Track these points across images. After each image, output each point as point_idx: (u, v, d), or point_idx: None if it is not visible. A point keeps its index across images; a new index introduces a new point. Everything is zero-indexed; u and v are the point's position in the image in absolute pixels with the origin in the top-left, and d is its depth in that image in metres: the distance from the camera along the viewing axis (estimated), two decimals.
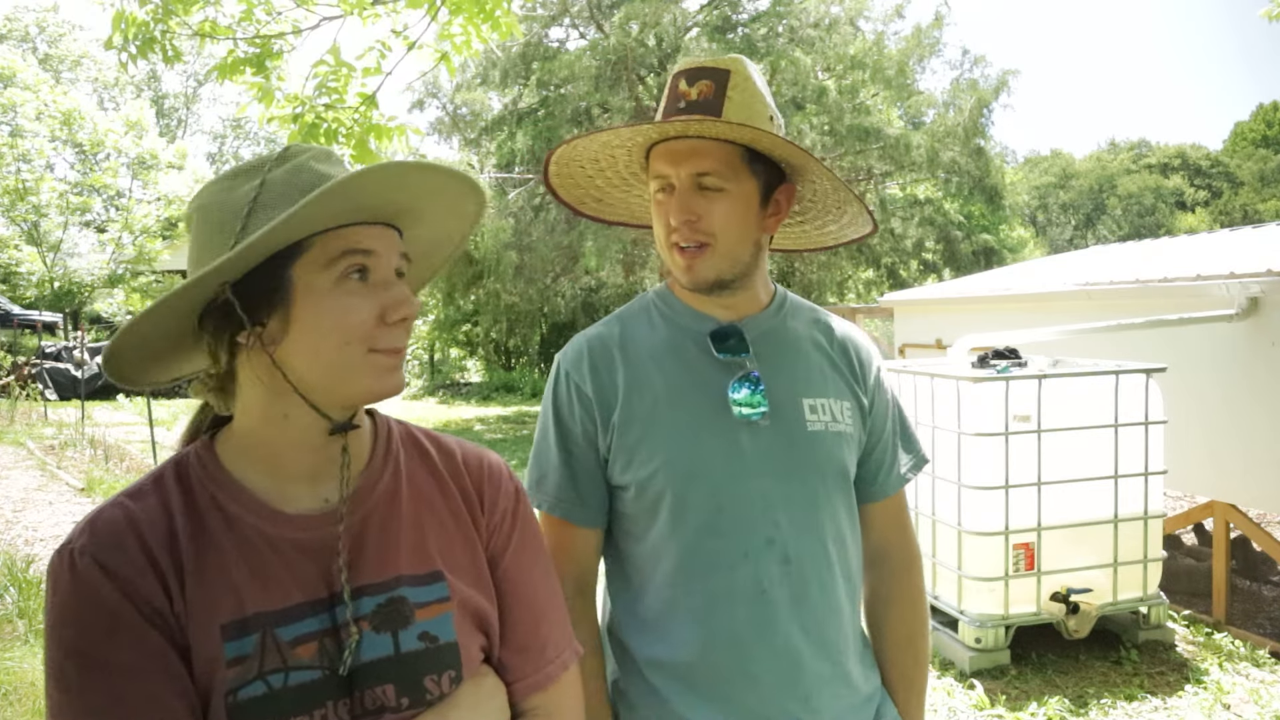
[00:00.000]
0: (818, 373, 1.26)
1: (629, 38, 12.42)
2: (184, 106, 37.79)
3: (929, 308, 7.62)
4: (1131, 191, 42.18)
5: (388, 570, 0.85)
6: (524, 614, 0.93)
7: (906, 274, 15.96)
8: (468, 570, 0.90)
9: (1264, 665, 3.78)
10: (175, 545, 0.78)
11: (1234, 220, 36.60)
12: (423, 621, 0.85)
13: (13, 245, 19.11)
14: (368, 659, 0.81)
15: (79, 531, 0.78)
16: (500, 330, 20.38)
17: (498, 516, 0.95)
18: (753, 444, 1.18)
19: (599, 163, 1.29)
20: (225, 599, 0.78)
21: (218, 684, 0.76)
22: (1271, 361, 4.23)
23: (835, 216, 1.34)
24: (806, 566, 1.19)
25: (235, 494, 0.82)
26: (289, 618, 0.79)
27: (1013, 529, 3.68)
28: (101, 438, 9.90)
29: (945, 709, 3.42)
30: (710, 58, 1.21)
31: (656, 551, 1.20)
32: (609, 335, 1.27)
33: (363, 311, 0.80)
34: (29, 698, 3.51)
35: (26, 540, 6.02)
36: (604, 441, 1.22)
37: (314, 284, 0.79)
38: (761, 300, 1.28)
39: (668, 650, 1.19)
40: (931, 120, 13.34)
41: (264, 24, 3.45)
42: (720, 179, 1.15)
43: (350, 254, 0.80)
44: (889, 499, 1.34)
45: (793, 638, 1.18)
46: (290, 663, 0.78)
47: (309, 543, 0.82)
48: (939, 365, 4.27)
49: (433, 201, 0.87)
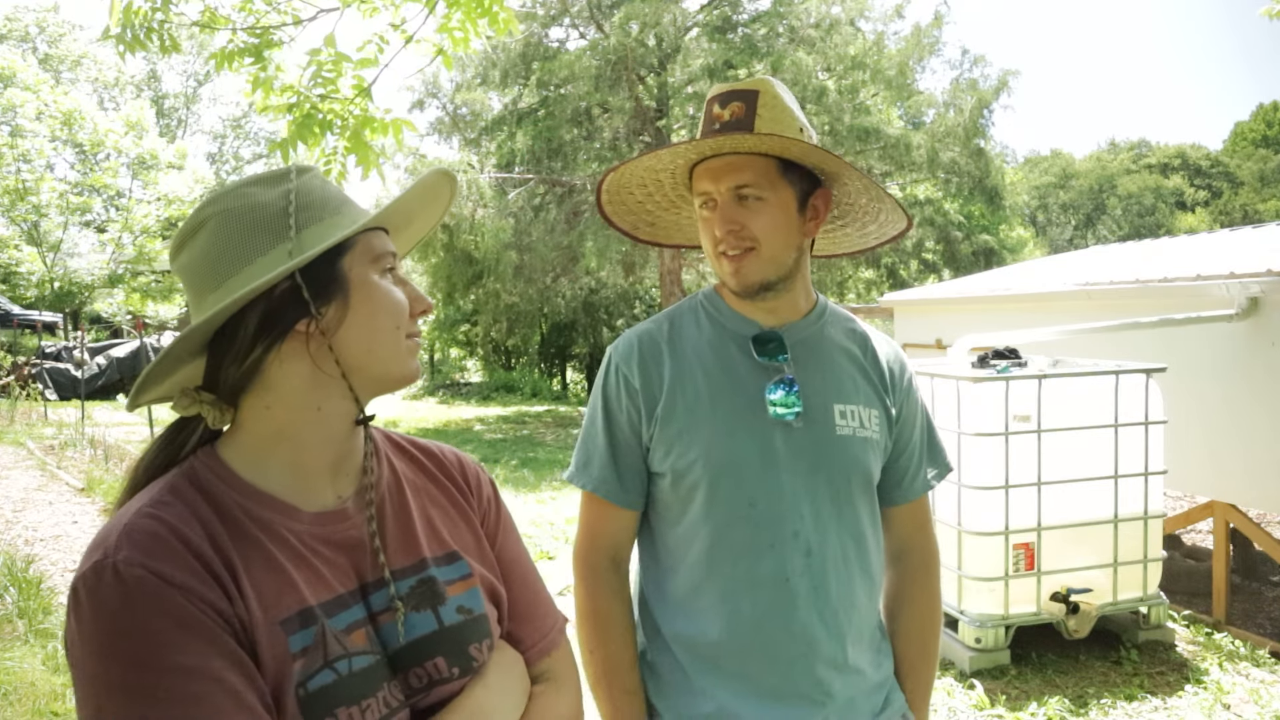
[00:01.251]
0: (849, 380, 1.34)
1: (629, 37, 12.42)
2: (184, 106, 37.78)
3: (929, 308, 7.61)
4: (1131, 191, 42.18)
5: (413, 554, 0.91)
6: (523, 588, 1.01)
7: (906, 274, 15.97)
8: (475, 551, 0.97)
9: (1264, 665, 3.78)
10: (221, 548, 0.78)
11: (1234, 220, 36.61)
12: (455, 596, 0.91)
13: (13, 245, 19.11)
14: (415, 636, 0.87)
15: (114, 545, 0.74)
16: (500, 330, 20.40)
17: (484, 502, 1.03)
18: (785, 443, 1.27)
19: (647, 187, 1.40)
20: (280, 595, 0.79)
21: (287, 677, 0.77)
22: (1271, 361, 4.23)
23: (873, 217, 1.42)
24: (827, 559, 1.27)
25: (257, 499, 0.83)
26: (336, 608, 0.83)
27: (1013, 529, 3.68)
28: (101, 438, 9.89)
29: (945, 709, 3.42)
30: (741, 81, 1.31)
31: (689, 536, 1.29)
32: (658, 332, 1.36)
33: (404, 301, 0.89)
34: (29, 698, 3.50)
35: (26, 540, 6.02)
36: (647, 431, 1.31)
37: (366, 276, 0.87)
38: (802, 307, 1.36)
39: (694, 628, 1.29)
40: (931, 120, 13.34)
41: (263, 14, 3.45)
42: (758, 189, 1.24)
43: (385, 255, 0.89)
44: (912, 503, 1.42)
45: (810, 624, 1.26)
46: (350, 649, 0.81)
47: (337, 536, 0.87)
48: (939, 365, 4.27)
49: (425, 208, 0.97)
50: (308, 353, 0.84)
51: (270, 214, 0.84)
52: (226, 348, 0.83)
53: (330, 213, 0.86)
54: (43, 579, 4.87)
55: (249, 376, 0.83)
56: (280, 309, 0.82)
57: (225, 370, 0.83)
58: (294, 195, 0.85)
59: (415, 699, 0.86)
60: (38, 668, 3.80)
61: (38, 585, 4.68)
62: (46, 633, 4.18)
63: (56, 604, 4.62)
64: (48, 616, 4.38)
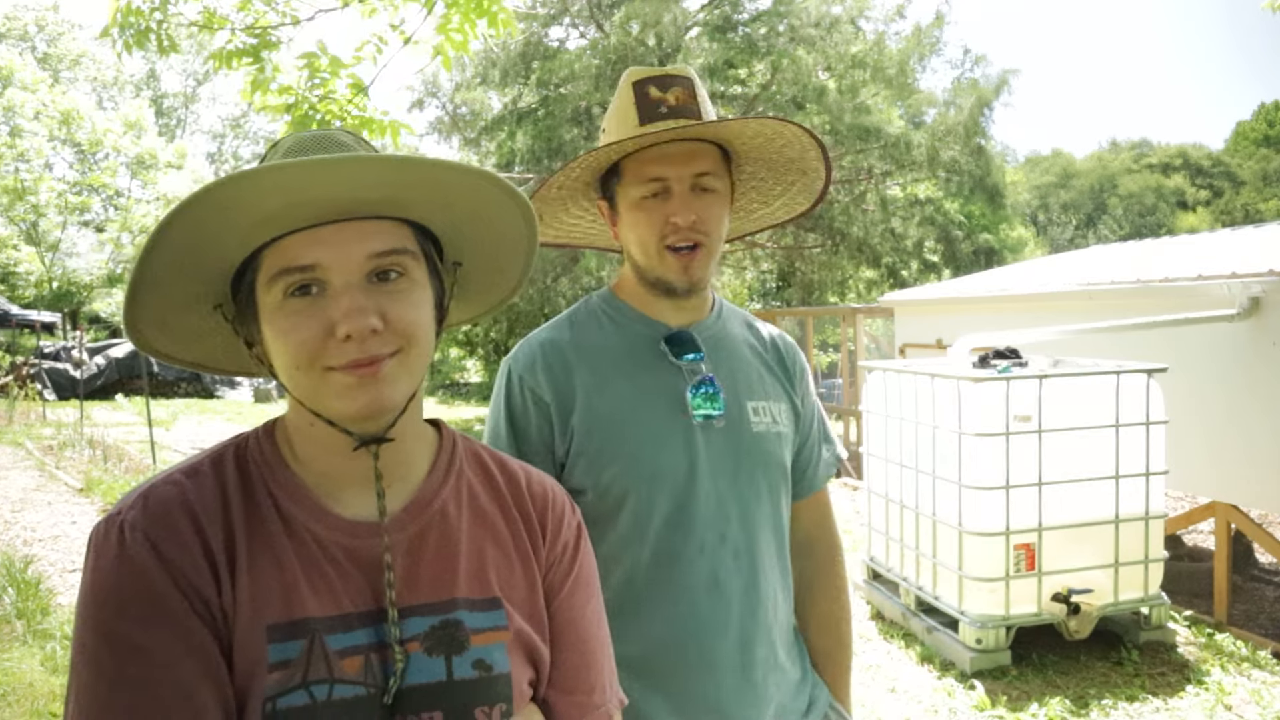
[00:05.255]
0: (756, 377, 1.32)
1: (629, 37, 12.41)
2: (183, 106, 37.76)
3: (929, 308, 7.60)
4: (1132, 191, 42.17)
5: (444, 591, 0.80)
6: (575, 655, 0.89)
7: (907, 274, 15.94)
8: (524, 602, 0.85)
9: (1265, 666, 3.77)
10: (230, 534, 0.74)
11: (1235, 220, 36.57)
12: (477, 648, 0.80)
13: (11, 245, 19.09)
14: (416, 682, 0.76)
15: (130, 503, 0.74)
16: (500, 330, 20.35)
17: (559, 549, 0.90)
18: (707, 445, 1.24)
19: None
20: (275, 598, 0.74)
21: (257, 687, 0.71)
22: (1273, 361, 4.22)
23: (762, 198, 1.39)
24: (755, 559, 1.26)
25: (291, 489, 0.79)
26: (338, 626, 0.75)
27: (1013, 529, 3.67)
28: (100, 438, 9.89)
29: (946, 709, 3.41)
30: (662, 67, 1.27)
31: (614, 552, 1.22)
32: (561, 339, 1.28)
33: (304, 330, 0.74)
34: (28, 698, 3.50)
35: (25, 541, 6.01)
36: (561, 445, 1.23)
37: (265, 303, 0.76)
38: (708, 305, 1.33)
39: (622, 648, 1.22)
40: (932, 120, 13.33)
41: (261, 14, 3.44)
42: (715, 179, 1.21)
43: (286, 273, 0.74)
44: (815, 494, 1.42)
45: (745, 626, 1.24)
46: (336, 674, 0.73)
47: (360, 551, 0.78)
48: (939, 365, 4.26)
49: (432, 191, 0.78)
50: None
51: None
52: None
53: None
54: (41, 579, 4.86)
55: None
56: (236, 329, 0.80)
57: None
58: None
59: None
60: (36, 668, 3.79)
61: (36, 586, 4.68)
62: (45, 633, 4.17)
63: (55, 604, 4.61)
64: (46, 617, 4.37)
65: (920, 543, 4.08)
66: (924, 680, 3.70)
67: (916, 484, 4.06)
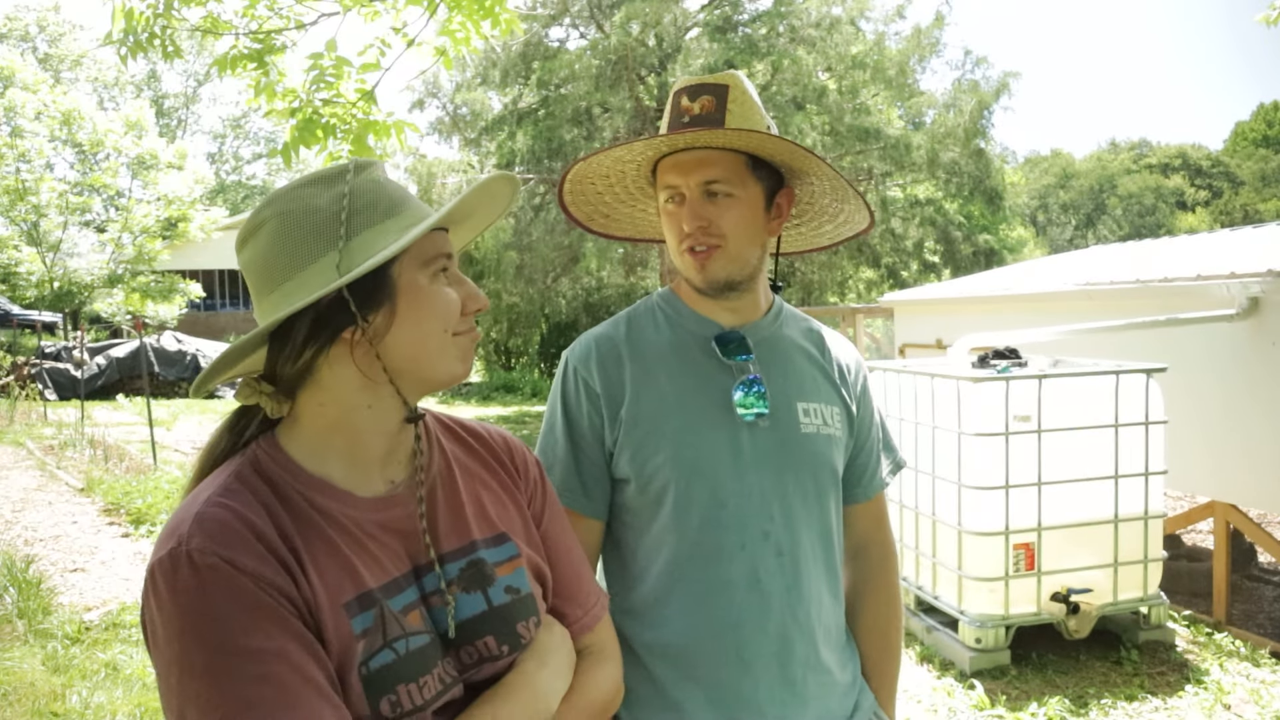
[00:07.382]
0: (810, 379, 1.34)
1: (629, 37, 12.42)
2: (184, 106, 37.77)
3: (929, 308, 7.61)
4: (1132, 191, 42.17)
5: (463, 537, 0.95)
6: (567, 568, 1.05)
7: (907, 274, 15.96)
8: (522, 532, 1.01)
9: (1264, 665, 3.78)
10: (287, 536, 0.83)
11: (1235, 220, 36.57)
12: (504, 577, 0.95)
13: (12, 245, 19.08)
14: (465, 616, 0.91)
15: (188, 533, 0.79)
16: (500, 330, 20.41)
17: (531, 484, 1.07)
18: (752, 443, 1.26)
19: (609, 179, 1.37)
20: (342, 579, 0.84)
21: (350, 658, 0.82)
22: (1272, 361, 4.23)
23: (831, 216, 1.42)
24: (798, 559, 1.27)
25: (317, 485, 0.88)
26: (393, 590, 0.88)
27: (1013, 529, 3.68)
28: (101, 438, 9.89)
29: (945, 709, 3.42)
30: (708, 75, 1.30)
31: (657, 542, 1.27)
32: (616, 334, 1.34)
33: (454, 302, 0.91)
34: (28, 698, 3.50)
35: (26, 540, 6.01)
36: (610, 435, 1.28)
37: (415, 280, 0.89)
38: (762, 307, 1.36)
39: (663, 636, 1.26)
40: (932, 121, 13.34)
41: (265, 19, 3.44)
42: (728, 185, 1.24)
43: (440, 257, 0.91)
44: (871, 500, 1.43)
45: (785, 625, 1.25)
46: (407, 630, 0.86)
47: (390, 521, 0.91)
48: (939, 365, 4.27)
49: (484, 205, 0.99)
50: (353, 358, 0.88)
51: (322, 219, 0.87)
52: (281, 347, 0.88)
53: (384, 214, 0.88)
54: (42, 579, 4.86)
55: (303, 375, 0.88)
56: (328, 317, 0.86)
57: (281, 367, 0.88)
58: (347, 199, 0.87)
59: (467, 674, 0.91)
60: (37, 668, 3.79)
61: (37, 585, 4.68)
62: (46, 633, 4.18)
63: (56, 604, 4.62)
64: (47, 617, 4.37)
65: (920, 542, 4.09)
66: (923, 680, 3.70)
67: (916, 484, 4.06)
